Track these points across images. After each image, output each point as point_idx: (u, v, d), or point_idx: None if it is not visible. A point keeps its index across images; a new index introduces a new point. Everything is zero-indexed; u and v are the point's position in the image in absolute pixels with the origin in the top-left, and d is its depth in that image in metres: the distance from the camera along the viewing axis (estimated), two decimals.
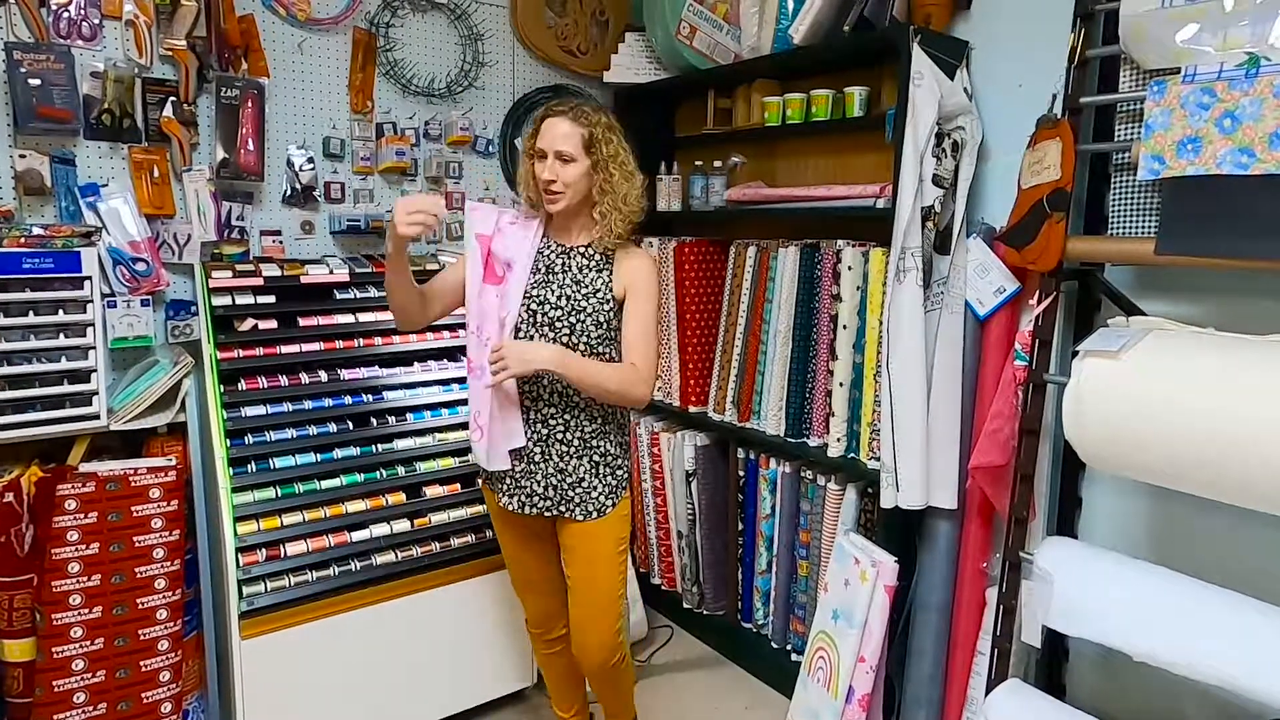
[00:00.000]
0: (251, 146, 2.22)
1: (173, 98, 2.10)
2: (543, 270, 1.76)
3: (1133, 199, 1.62)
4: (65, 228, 1.88)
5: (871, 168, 2.29)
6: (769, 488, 2.41)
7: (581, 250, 1.76)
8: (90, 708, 1.85)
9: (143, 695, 1.91)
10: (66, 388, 1.85)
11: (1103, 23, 1.63)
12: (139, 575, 1.90)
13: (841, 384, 2.14)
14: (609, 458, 1.79)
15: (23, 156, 1.93)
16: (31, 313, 1.80)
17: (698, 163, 2.68)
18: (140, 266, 2.05)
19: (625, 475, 1.83)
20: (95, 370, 1.87)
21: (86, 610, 1.84)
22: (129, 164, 2.08)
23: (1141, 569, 1.50)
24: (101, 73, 2.00)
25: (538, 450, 1.75)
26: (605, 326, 1.72)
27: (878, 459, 2.00)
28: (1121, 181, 1.64)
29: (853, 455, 2.14)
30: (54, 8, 1.94)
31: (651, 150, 2.81)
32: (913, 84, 1.86)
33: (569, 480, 1.75)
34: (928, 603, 2.04)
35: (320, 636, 1.98)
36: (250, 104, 2.20)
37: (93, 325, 1.87)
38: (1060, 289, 1.72)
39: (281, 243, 2.35)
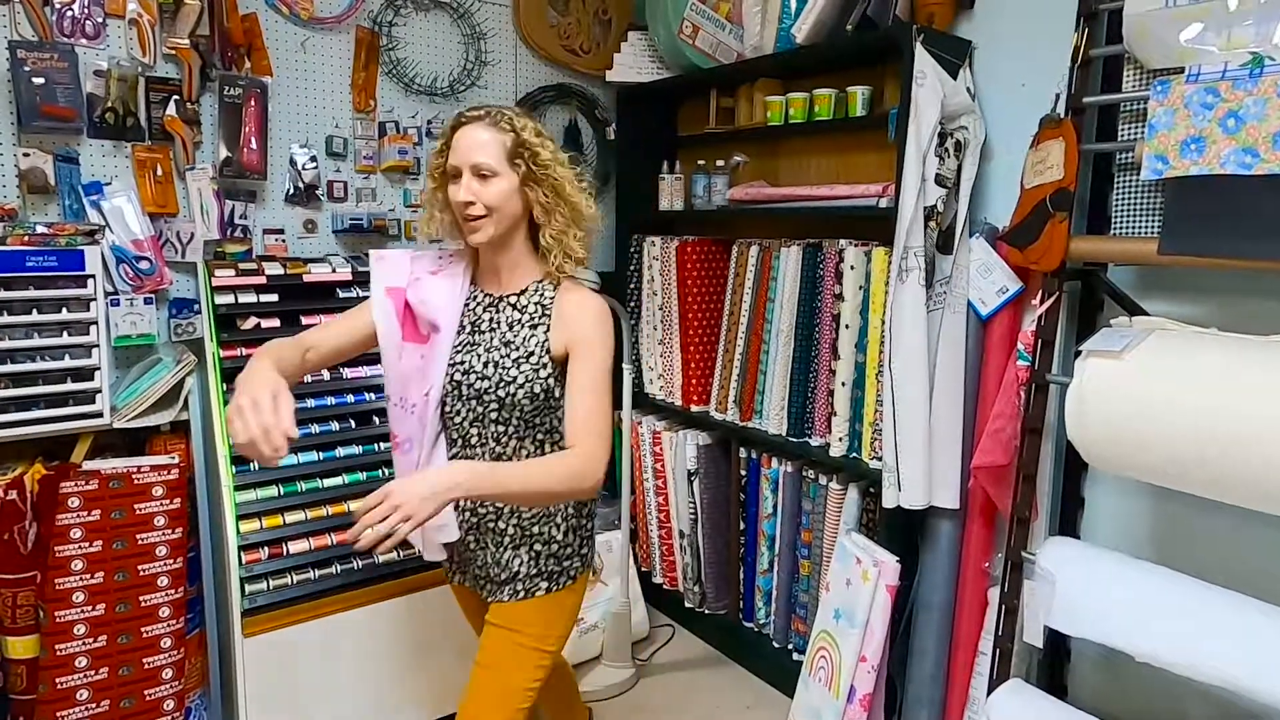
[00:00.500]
0: (254, 145, 2.22)
1: (176, 96, 2.11)
2: (468, 328, 1.45)
3: (1136, 199, 1.61)
4: (69, 226, 1.88)
5: (874, 167, 2.29)
6: (771, 487, 2.41)
7: (513, 301, 1.43)
8: (93, 705, 1.86)
9: (145, 693, 1.92)
10: (70, 386, 1.85)
11: (1106, 22, 1.63)
12: (142, 573, 1.90)
13: (844, 383, 2.14)
14: (554, 545, 1.47)
15: (26, 155, 1.93)
16: (35, 311, 1.81)
17: (700, 162, 2.68)
18: (143, 265, 2.05)
19: (577, 566, 1.51)
20: (98, 368, 1.88)
21: (89, 608, 1.84)
22: (132, 162, 2.08)
23: (1144, 569, 1.49)
24: (105, 71, 2.00)
25: (471, 539, 1.49)
26: (543, 397, 1.39)
27: (880, 459, 2.00)
28: (1124, 181, 1.64)
29: (855, 455, 2.14)
30: (58, 6, 1.94)
31: (654, 149, 2.81)
32: (915, 83, 1.86)
33: (505, 573, 1.47)
34: (929, 602, 2.03)
35: (322, 634, 1.98)
36: (253, 103, 2.20)
37: (96, 323, 1.87)
38: (1063, 289, 1.71)
39: (284, 241, 2.35)
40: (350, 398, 2.15)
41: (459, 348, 1.44)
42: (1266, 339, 1.35)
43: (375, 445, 2.14)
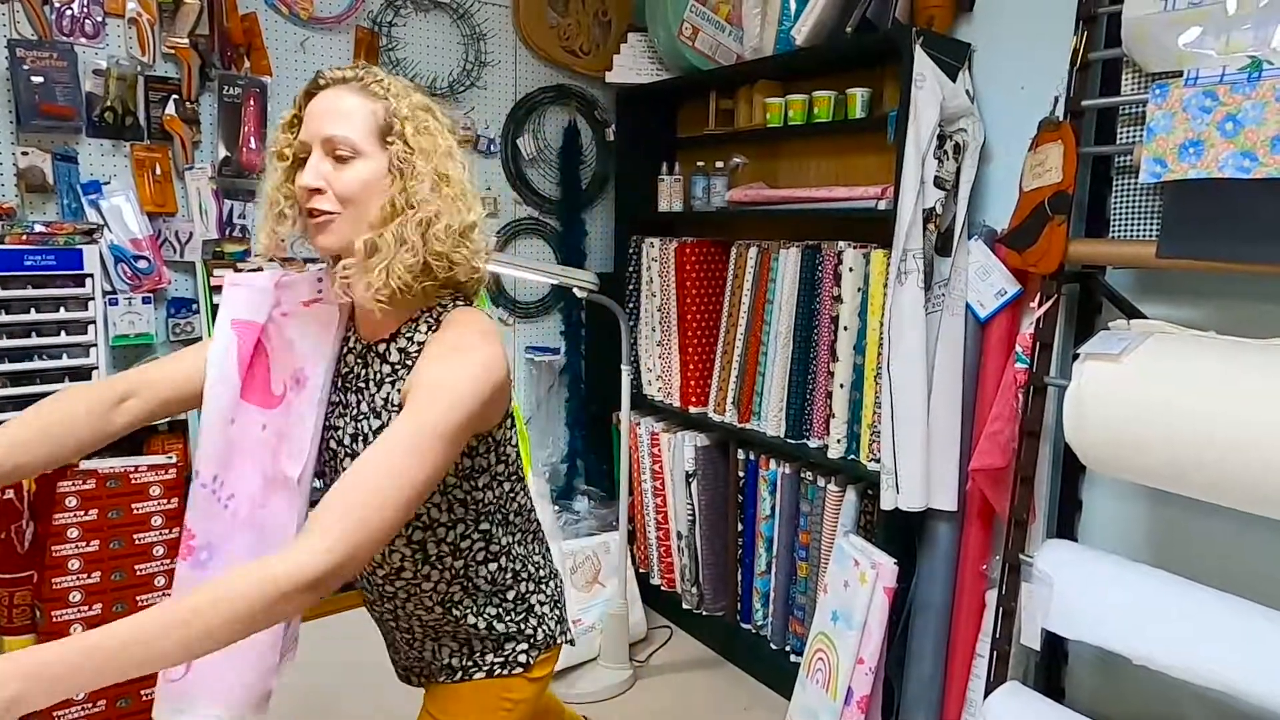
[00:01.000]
0: (253, 145, 2.22)
1: (175, 96, 2.11)
2: (339, 383, 1.09)
3: (1134, 202, 1.62)
4: (67, 225, 1.88)
5: (873, 169, 2.29)
6: (769, 489, 2.41)
7: (380, 350, 1.05)
8: (89, 704, 1.85)
9: (142, 692, 1.91)
10: (68, 385, 1.85)
11: (1105, 25, 1.63)
12: (139, 572, 1.90)
13: (842, 385, 2.14)
14: (480, 633, 1.14)
15: (25, 154, 1.93)
16: (33, 310, 1.80)
17: (699, 163, 2.68)
18: (142, 264, 2.05)
19: (524, 650, 1.16)
20: (96, 367, 1.88)
21: (86, 607, 1.84)
22: (131, 162, 2.08)
23: (1141, 572, 1.50)
24: (104, 70, 2.00)
25: (387, 627, 1.23)
26: None
27: (878, 460, 2.00)
28: (1123, 184, 1.64)
29: (853, 457, 2.14)
30: (57, 5, 1.94)
31: (653, 151, 2.81)
32: (915, 86, 1.86)
33: (436, 663, 1.19)
34: (927, 605, 2.03)
35: (319, 635, 1.98)
36: (252, 102, 2.20)
37: (94, 322, 1.87)
38: (1061, 292, 1.71)
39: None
40: None
41: (332, 409, 1.08)
42: (1265, 342, 1.35)
43: None
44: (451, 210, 0.99)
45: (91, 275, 1.86)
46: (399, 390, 1.00)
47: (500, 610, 1.15)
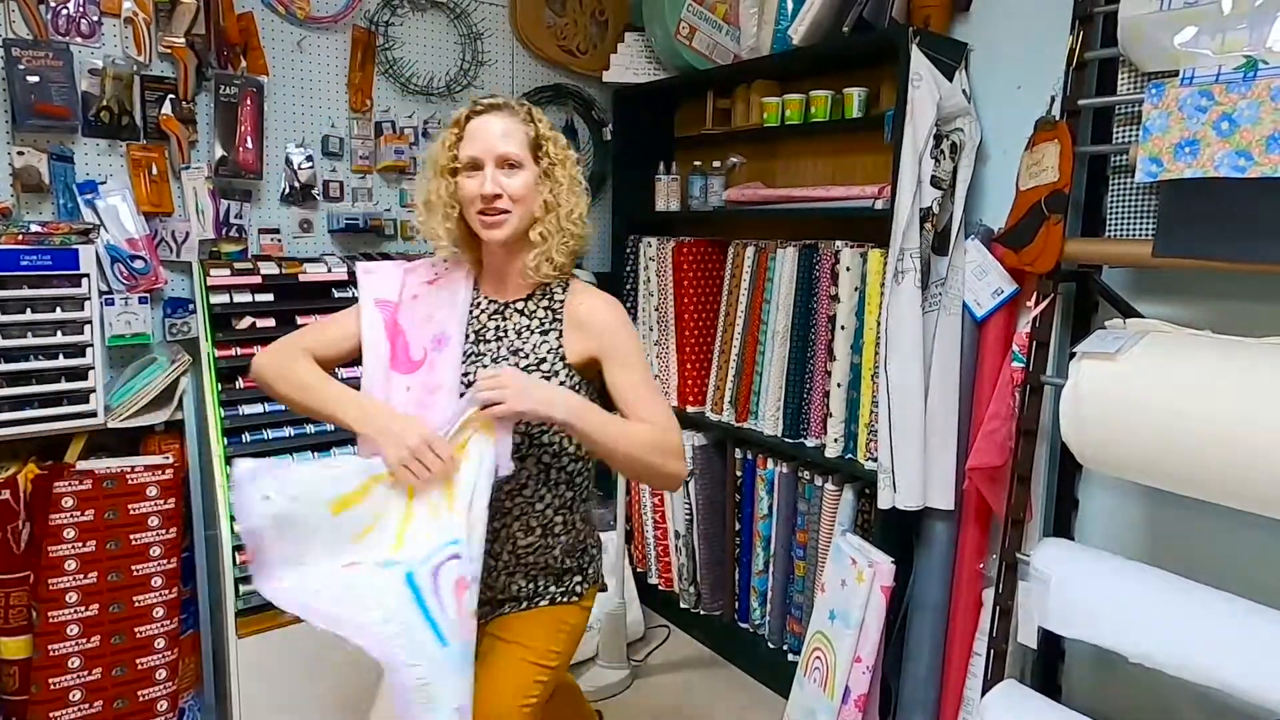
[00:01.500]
0: (250, 144, 2.21)
1: (171, 95, 2.10)
2: (472, 337, 1.35)
3: (1130, 201, 1.62)
4: (63, 225, 1.88)
5: (870, 169, 2.29)
6: (766, 488, 2.41)
7: (519, 306, 1.36)
8: (86, 705, 1.85)
9: (139, 693, 1.91)
10: (64, 385, 1.85)
11: (1101, 25, 1.63)
12: (136, 573, 1.90)
13: (839, 385, 2.14)
14: (553, 565, 1.40)
15: (21, 153, 1.93)
16: (29, 310, 1.80)
17: (697, 163, 2.68)
18: (138, 264, 2.05)
19: (579, 582, 1.44)
20: (93, 368, 1.87)
21: (83, 608, 1.84)
22: (127, 161, 2.08)
23: (1137, 570, 1.50)
24: (100, 70, 1.99)
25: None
26: None
27: (875, 460, 2.00)
28: (1119, 184, 1.64)
29: (850, 456, 2.14)
30: (52, 4, 1.93)
31: (651, 150, 2.81)
32: (911, 85, 1.86)
33: (504, 594, 1.39)
34: (924, 603, 2.04)
35: (317, 635, 1.97)
36: (249, 102, 2.20)
37: (90, 323, 1.87)
38: (1058, 291, 1.72)
39: (280, 241, 2.35)
40: None
41: (465, 359, 1.33)
42: (1260, 341, 1.35)
43: None
44: (579, 204, 1.33)
45: (88, 275, 1.85)
46: (557, 336, 1.33)
47: (573, 545, 1.42)
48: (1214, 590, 1.41)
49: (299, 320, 2.13)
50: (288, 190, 2.34)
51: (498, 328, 1.35)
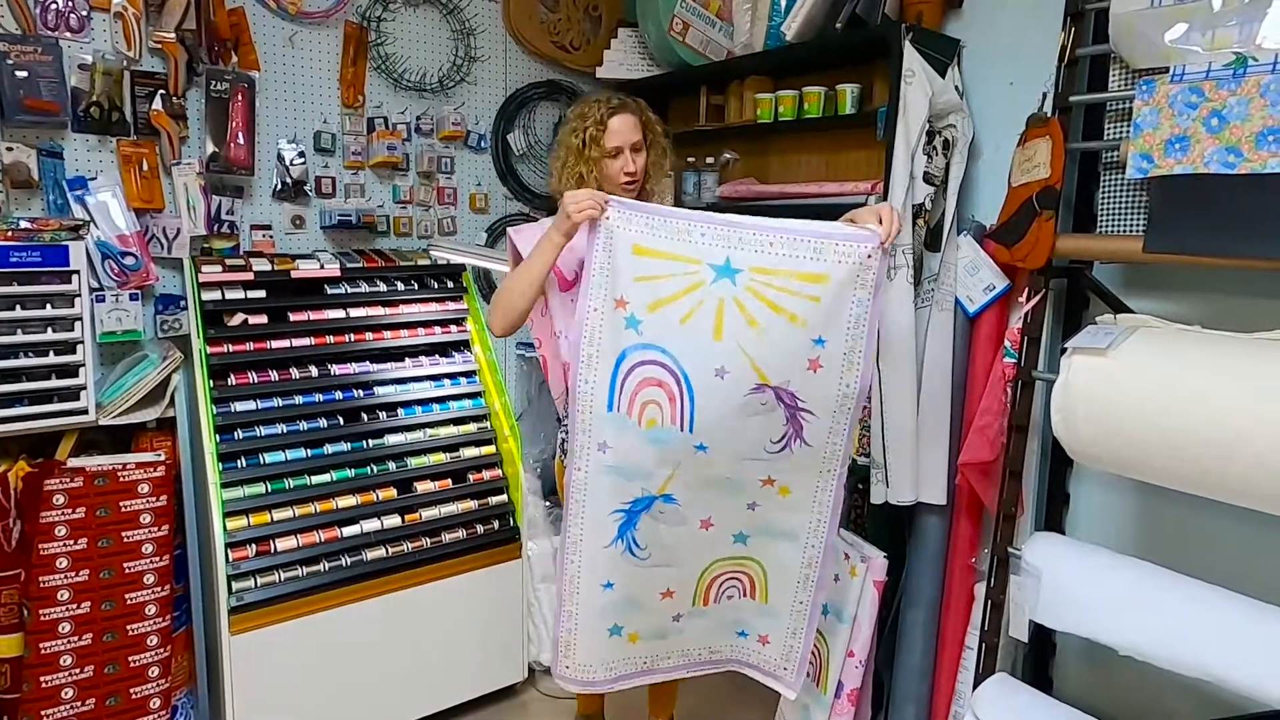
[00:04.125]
0: (242, 140, 2.20)
1: (162, 91, 2.09)
2: None
3: (1121, 197, 1.63)
4: (53, 221, 1.86)
5: (863, 165, 2.30)
6: None
7: None
8: (78, 703, 1.84)
9: (131, 691, 1.91)
10: (54, 382, 1.84)
11: (1093, 21, 1.64)
12: (127, 570, 1.89)
13: None
14: None
15: (10, 149, 1.92)
16: (19, 307, 1.79)
17: (690, 159, 2.68)
18: (129, 260, 2.04)
19: None
20: (83, 365, 1.86)
21: (74, 606, 1.83)
22: (117, 157, 2.07)
23: (1127, 564, 1.51)
24: (90, 65, 1.98)
25: None
26: None
27: (868, 455, 2.00)
28: (1110, 180, 1.65)
29: None
30: None
31: None
32: (904, 82, 1.86)
33: None
34: (917, 598, 2.05)
35: (310, 632, 1.98)
36: (240, 97, 2.19)
37: (81, 319, 1.86)
38: (1049, 286, 1.73)
39: (272, 237, 2.34)
40: (339, 394, 2.14)
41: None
42: (1250, 336, 1.36)
43: (364, 442, 2.14)
44: (669, 161, 1.87)
45: (78, 272, 1.84)
46: None
47: None
48: (1204, 584, 1.42)
49: (291, 317, 2.13)
50: (280, 186, 2.33)
51: None
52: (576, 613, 1.74)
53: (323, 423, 2.11)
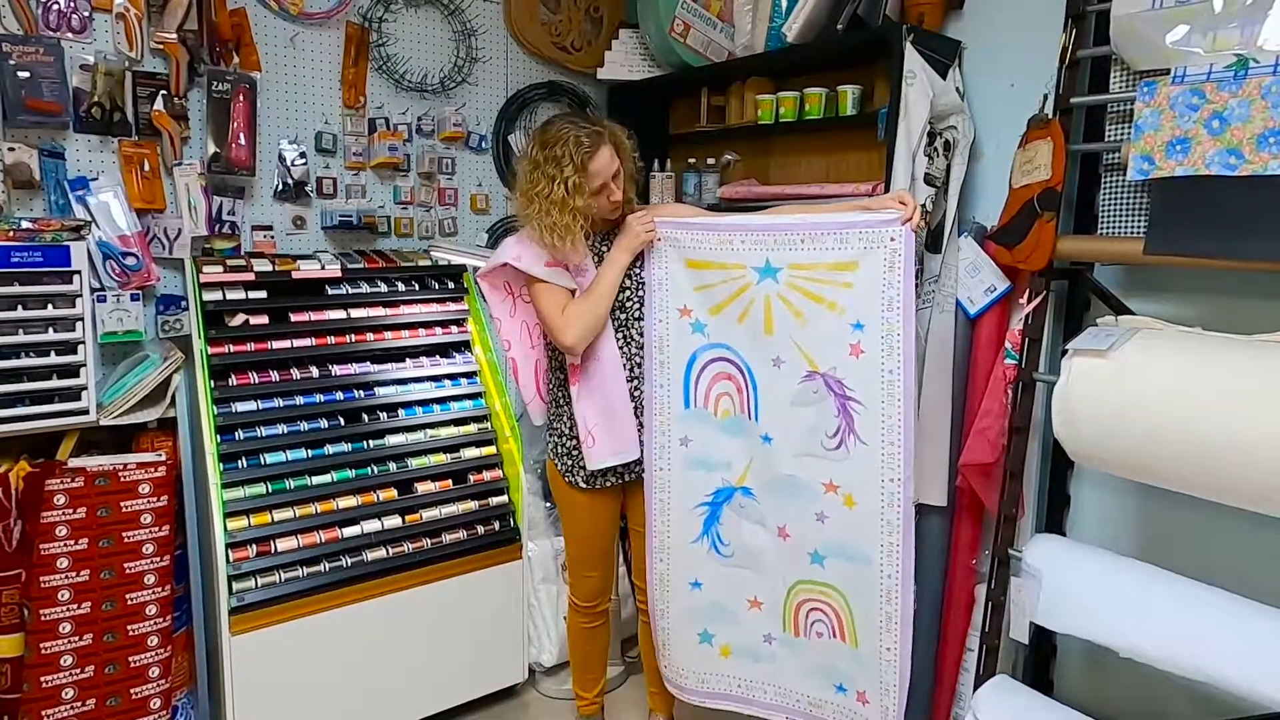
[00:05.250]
0: (243, 141, 2.21)
1: (163, 91, 2.09)
2: (595, 259, 1.85)
3: (1122, 199, 1.63)
4: (54, 221, 1.87)
5: (864, 166, 2.30)
6: None
7: (609, 237, 1.86)
8: (79, 703, 1.84)
9: (131, 691, 1.91)
10: (55, 382, 1.84)
11: (1094, 23, 1.64)
12: (128, 571, 1.89)
13: None
14: None
15: (11, 149, 1.92)
16: (20, 307, 1.79)
17: (691, 160, 2.68)
18: (130, 261, 2.04)
19: None
20: (84, 365, 1.86)
21: (75, 606, 1.83)
22: (119, 158, 2.07)
23: (1128, 566, 1.51)
24: (91, 65, 1.98)
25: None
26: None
27: None
28: (1111, 181, 1.65)
29: None
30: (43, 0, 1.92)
31: (645, 147, 2.79)
32: (905, 83, 1.86)
33: None
34: (918, 599, 2.04)
35: (311, 632, 1.98)
36: (242, 98, 2.19)
37: (82, 320, 1.86)
38: (1050, 288, 1.73)
39: (273, 238, 2.34)
40: (339, 395, 2.15)
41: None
42: (1250, 338, 1.36)
43: (364, 443, 2.14)
44: (637, 174, 1.88)
45: (79, 272, 1.84)
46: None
47: None
48: (1205, 586, 1.42)
49: (292, 318, 2.13)
50: (281, 187, 2.33)
51: (602, 252, 1.85)
52: (668, 611, 1.89)
53: (323, 423, 2.11)
